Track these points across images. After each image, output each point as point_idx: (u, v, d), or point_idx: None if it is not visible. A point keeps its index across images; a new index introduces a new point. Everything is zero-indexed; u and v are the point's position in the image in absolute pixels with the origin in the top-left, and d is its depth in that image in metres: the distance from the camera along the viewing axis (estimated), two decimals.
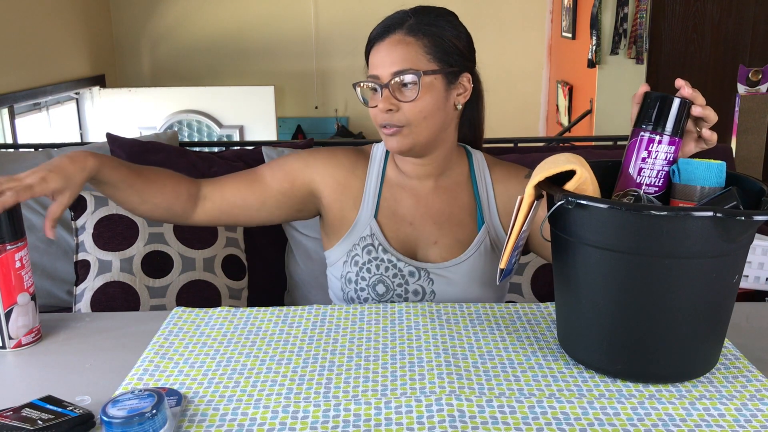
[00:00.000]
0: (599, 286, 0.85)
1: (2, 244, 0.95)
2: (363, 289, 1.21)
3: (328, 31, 4.76)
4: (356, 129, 4.87)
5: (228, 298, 1.69)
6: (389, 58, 1.14)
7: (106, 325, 1.09)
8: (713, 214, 0.76)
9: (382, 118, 1.16)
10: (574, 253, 0.87)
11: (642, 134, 0.92)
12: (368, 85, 1.17)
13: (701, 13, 3.64)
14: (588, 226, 0.83)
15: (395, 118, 1.15)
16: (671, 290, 0.82)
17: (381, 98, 1.15)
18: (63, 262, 1.79)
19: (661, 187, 0.92)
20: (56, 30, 3.88)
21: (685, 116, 0.92)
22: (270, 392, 0.85)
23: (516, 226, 0.90)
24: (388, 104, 1.14)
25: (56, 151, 1.93)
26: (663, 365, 0.86)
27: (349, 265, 1.22)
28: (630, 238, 0.81)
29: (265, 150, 1.88)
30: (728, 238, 0.78)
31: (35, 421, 0.76)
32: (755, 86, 2.97)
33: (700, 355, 0.87)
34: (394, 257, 1.21)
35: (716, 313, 0.86)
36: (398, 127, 1.15)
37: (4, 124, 3.35)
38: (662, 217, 0.79)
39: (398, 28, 1.15)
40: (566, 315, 0.93)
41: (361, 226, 1.23)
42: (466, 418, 0.79)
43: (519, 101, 4.77)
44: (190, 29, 4.75)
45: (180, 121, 4.16)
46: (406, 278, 1.20)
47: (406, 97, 1.14)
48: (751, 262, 1.50)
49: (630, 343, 0.86)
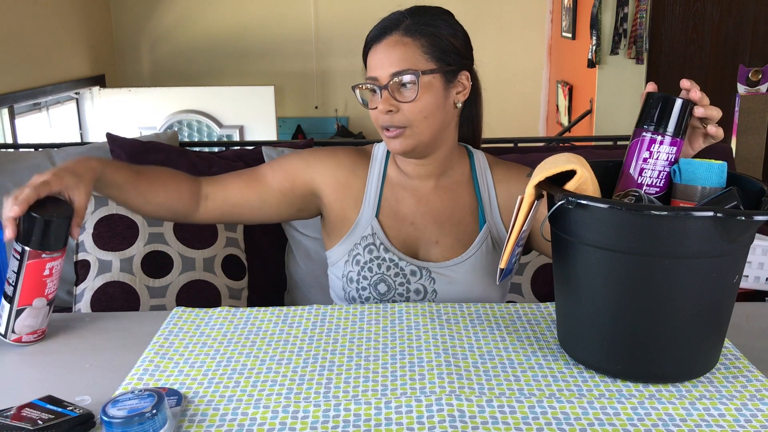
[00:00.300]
0: (599, 286, 0.85)
1: (40, 251, 0.96)
2: (364, 288, 1.21)
3: (328, 31, 4.76)
4: (356, 129, 4.87)
5: (228, 298, 1.69)
6: (387, 60, 1.14)
7: (106, 325, 1.09)
8: (713, 214, 0.76)
9: (383, 120, 1.16)
10: (574, 253, 0.87)
11: (644, 135, 0.92)
12: (367, 86, 1.17)
13: (701, 13, 3.64)
14: (588, 226, 0.83)
15: (396, 119, 1.15)
16: (671, 290, 0.82)
17: (381, 100, 1.15)
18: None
19: (662, 188, 0.92)
20: (56, 30, 3.88)
21: (687, 117, 0.91)
22: (270, 392, 0.85)
23: (516, 226, 0.90)
24: (388, 105, 1.14)
25: (56, 151, 1.93)
26: (663, 365, 0.86)
27: (351, 265, 1.22)
28: (630, 238, 0.81)
29: (265, 150, 1.88)
30: (728, 238, 0.78)
31: (35, 421, 0.76)
32: (755, 86, 2.97)
33: (700, 355, 0.87)
34: (396, 256, 1.21)
35: (716, 313, 0.86)
36: (400, 129, 1.15)
37: (4, 124, 3.35)
38: (662, 217, 0.79)
39: (395, 29, 1.15)
40: (566, 315, 0.93)
41: (362, 225, 1.23)
42: (466, 418, 0.79)
43: (519, 101, 4.77)
44: (190, 29, 4.75)
45: (180, 121, 4.16)
46: (407, 277, 1.20)
47: (405, 98, 1.14)
48: (751, 262, 1.50)
49: (630, 343, 0.86)
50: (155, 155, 1.88)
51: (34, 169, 1.85)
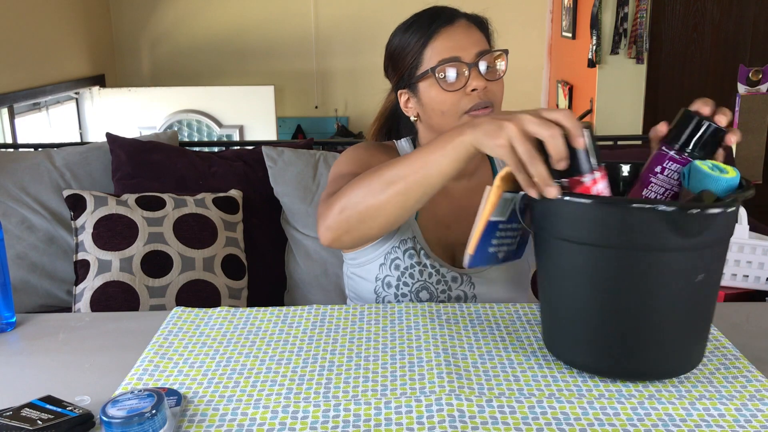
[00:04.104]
0: (566, 279, 0.85)
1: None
2: (405, 294, 1.18)
3: (328, 31, 4.76)
4: (356, 129, 4.87)
5: (228, 298, 1.68)
6: (469, 40, 1.13)
7: (106, 325, 1.08)
8: (665, 209, 0.75)
9: (469, 101, 1.11)
10: (541, 247, 0.88)
11: (664, 149, 0.89)
12: (446, 69, 1.12)
13: (701, 13, 3.64)
14: (548, 219, 0.84)
15: (488, 96, 1.12)
16: (639, 285, 0.80)
17: (469, 78, 1.11)
18: (63, 262, 1.79)
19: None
20: (56, 30, 3.88)
21: (714, 143, 0.87)
22: (270, 392, 0.85)
23: (483, 216, 0.89)
24: (483, 82, 1.11)
25: (56, 151, 1.93)
26: (639, 363, 0.85)
27: (388, 268, 1.18)
28: (589, 230, 0.80)
29: (265, 150, 1.88)
30: (687, 233, 0.77)
31: (35, 421, 0.76)
32: (755, 86, 2.97)
33: (677, 352, 0.85)
34: (437, 262, 1.18)
35: (692, 310, 0.83)
36: (488, 108, 1.12)
37: (4, 124, 3.35)
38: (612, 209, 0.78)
39: (461, 16, 1.16)
40: (544, 314, 0.93)
41: (402, 227, 1.18)
42: (466, 418, 0.79)
43: (519, 101, 4.76)
44: (190, 29, 4.75)
45: (180, 121, 4.16)
46: (449, 284, 1.18)
47: (495, 75, 1.13)
48: (751, 262, 1.50)
49: (600, 338, 0.85)
50: (155, 155, 1.88)
51: (33, 169, 1.85)
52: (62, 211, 1.81)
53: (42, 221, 1.80)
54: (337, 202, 0.98)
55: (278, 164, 1.84)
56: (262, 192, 1.86)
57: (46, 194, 1.82)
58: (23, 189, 1.82)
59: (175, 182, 1.84)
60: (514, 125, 0.80)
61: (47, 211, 1.81)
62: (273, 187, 1.84)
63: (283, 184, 1.83)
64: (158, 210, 1.70)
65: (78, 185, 1.86)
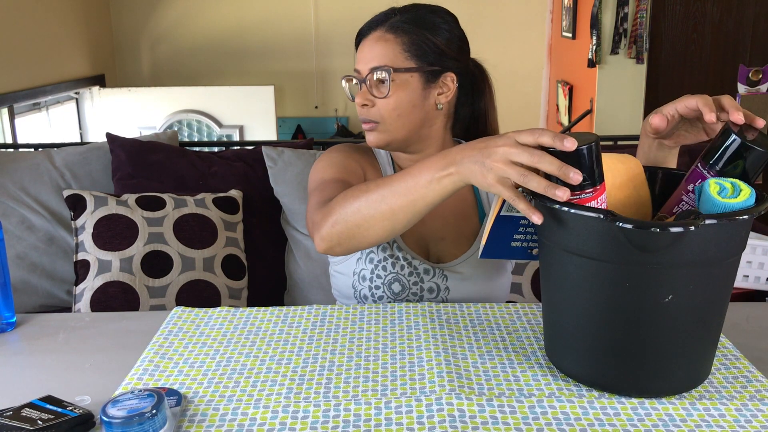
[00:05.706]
0: (569, 291, 0.84)
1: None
2: (378, 287, 1.21)
3: (328, 31, 4.76)
4: (356, 129, 4.87)
5: (228, 298, 1.68)
6: (369, 54, 1.16)
7: (106, 325, 1.08)
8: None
9: (360, 113, 1.19)
10: (546, 258, 0.87)
11: (701, 169, 0.85)
12: (351, 79, 1.20)
13: (701, 13, 3.64)
14: (553, 229, 0.83)
15: (371, 113, 1.17)
16: (636, 299, 0.78)
17: (360, 93, 1.17)
18: (63, 262, 1.79)
19: None
20: (56, 30, 3.88)
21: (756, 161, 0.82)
22: (270, 392, 0.85)
23: (494, 210, 0.91)
24: (364, 99, 1.17)
25: (56, 151, 1.93)
26: (642, 379, 0.83)
27: (364, 262, 1.21)
28: (584, 242, 0.79)
29: (265, 150, 1.88)
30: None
31: (35, 421, 0.76)
32: (755, 86, 2.97)
33: (685, 369, 0.83)
34: (409, 255, 1.21)
35: (697, 325, 0.81)
36: (374, 123, 1.17)
37: (4, 124, 3.35)
38: (598, 222, 0.76)
39: (381, 24, 1.17)
40: (549, 324, 0.92)
41: None
42: (466, 418, 0.79)
43: (519, 101, 4.77)
44: (190, 29, 4.75)
45: (180, 121, 4.16)
46: (421, 276, 1.20)
47: (380, 93, 1.15)
48: (751, 262, 1.50)
49: (608, 355, 0.83)
50: (155, 155, 1.88)
51: (33, 169, 1.85)
52: (62, 211, 1.81)
53: (42, 221, 1.80)
54: (331, 216, 1.02)
55: (278, 164, 1.84)
56: (262, 192, 1.86)
57: (46, 194, 1.83)
58: (23, 189, 1.82)
59: (175, 182, 1.84)
60: (497, 162, 0.83)
61: (47, 211, 1.81)
62: (273, 187, 1.84)
63: (283, 184, 1.83)
64: (158, 210, 1.70)
65: (78, 185, 1.86)
